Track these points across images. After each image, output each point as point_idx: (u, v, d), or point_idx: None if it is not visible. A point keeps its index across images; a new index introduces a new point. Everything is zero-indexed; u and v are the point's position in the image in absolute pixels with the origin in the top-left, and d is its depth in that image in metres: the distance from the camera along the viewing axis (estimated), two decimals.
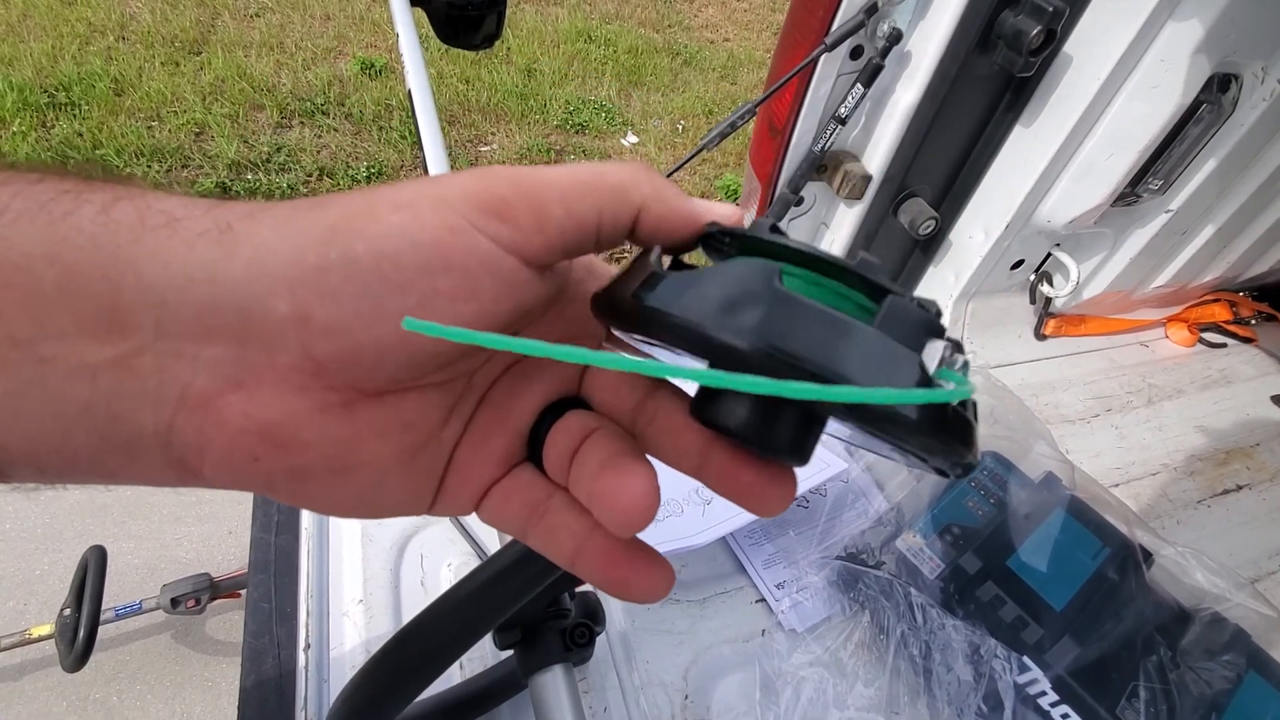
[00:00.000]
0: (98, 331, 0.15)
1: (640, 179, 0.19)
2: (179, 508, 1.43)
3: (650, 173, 0.19)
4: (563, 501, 0.21)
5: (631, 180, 0.19)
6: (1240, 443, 0.88)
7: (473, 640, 0.35)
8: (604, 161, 0.19)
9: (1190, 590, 0.60)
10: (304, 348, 0.16)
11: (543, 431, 0.21)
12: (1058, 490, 0.64)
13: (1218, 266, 1.00)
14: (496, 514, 0.22)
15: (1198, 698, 0.53)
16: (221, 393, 0.16)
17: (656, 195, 0.19)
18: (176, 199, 0.16)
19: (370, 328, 0.16)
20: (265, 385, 0.16)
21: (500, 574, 0.34)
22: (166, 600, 1.16)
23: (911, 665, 0.55)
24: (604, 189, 0.18)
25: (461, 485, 0.21)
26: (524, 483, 0.21)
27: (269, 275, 0.15)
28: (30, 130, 2.00)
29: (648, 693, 0.53)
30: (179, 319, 0.15)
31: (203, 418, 0.16)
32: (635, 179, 0.19)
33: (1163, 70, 0.67)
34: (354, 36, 2.71)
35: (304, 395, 0.17)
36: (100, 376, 0.15)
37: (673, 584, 0.20)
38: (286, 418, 0.16)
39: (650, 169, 0.19)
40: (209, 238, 0.15)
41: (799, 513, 0.66)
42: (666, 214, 0.19)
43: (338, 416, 0.17)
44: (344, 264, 0.15)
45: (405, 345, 0.17)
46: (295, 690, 0.48)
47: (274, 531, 0.55)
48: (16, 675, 1.18)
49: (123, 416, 0.15)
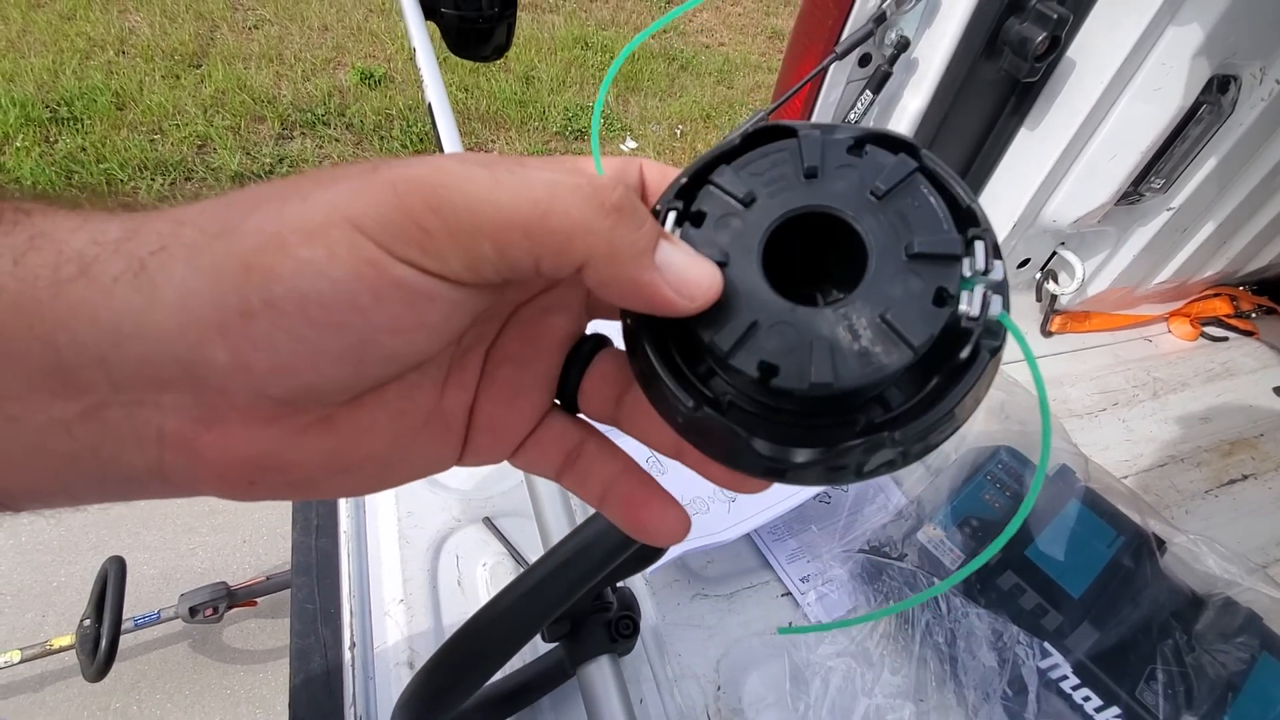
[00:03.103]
0: (54, 389, 0.14)
1: (595, 225, 0.15)
2: (193, 518, 1.43)
3: (617, 214, 0.15)
4: (594, 448, 0.22)
5: (581, 227, 0.15)
6: (1244, 433, 0.90)
7: (529, 636, 0.36)
8: (570, 179, 0.15)
9: (1202, 576, 0.62)
10: (255, 391, 0.15)
11: (572, 375, 0.22)
12: (1072, 482, 0.66)
13: (1218, 262, 1.02)
14: (530, 463, 0.22)
15: (1214, 679, 0.55)
16: (195, 434, 0.16)
17: (609, 253, 0.15)
18: (85, 232, 0.15)
19: (316, 367, 0.15)
20: (232, 423, 0.16)
21: (555, 571, 0.35)
22: (185, 609, 1.17)
23: (937, 653, 0.57)
24: (544, 235, 0.15)
25: (494, 442, 0.21)
26: (557, 433, 0.22)
27: (197, 322, 0.14)
28: (34, 146, 2.01)
29: (681, 685, 0.55)
30: (125, 373, 0.15)
31: (187, 456, 0.16)
32: (588, 224, 0.15)
33: (1164, 73, 0.70)
34: (352, 47, 2.73)
35: (275, 425, 0.16)
36: (74, 429, 0.15)
37: (687, 531, 0.21)
38: (265, 447, 0.16)
39: (623, 204, 0.15)
40: (125, 282, 0.14)
41: (821, 508, 0.68)
42: (614, 280, 0.16)
43: (318, 432, 0.17)
44: (267, 309, 0.14)
45: (362, 371, 0.16)
46: (343, 687, 0.49)
47: (314, 535, 0.57)
48: (38, 686, 1.19)
49: (112, 460, 0.16)
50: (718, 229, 0.18)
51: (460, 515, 0.62)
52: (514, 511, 0.63)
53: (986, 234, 0.17)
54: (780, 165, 0.18)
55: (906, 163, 0.17)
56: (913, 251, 0.17)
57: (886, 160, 0.17)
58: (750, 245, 0.17)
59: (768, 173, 0.18)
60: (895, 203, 0.17)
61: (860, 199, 0.17)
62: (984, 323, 0.16)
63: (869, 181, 0.17)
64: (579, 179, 0.16)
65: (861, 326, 0.16)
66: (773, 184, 0.18)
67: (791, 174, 0.18)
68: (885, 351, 0.16)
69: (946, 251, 0.17)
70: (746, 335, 0.17)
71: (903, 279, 0.17)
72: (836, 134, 0.18)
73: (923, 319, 0.16)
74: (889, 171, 0.17)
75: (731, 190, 0.18)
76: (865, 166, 0.17)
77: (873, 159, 0.18)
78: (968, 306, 0.16)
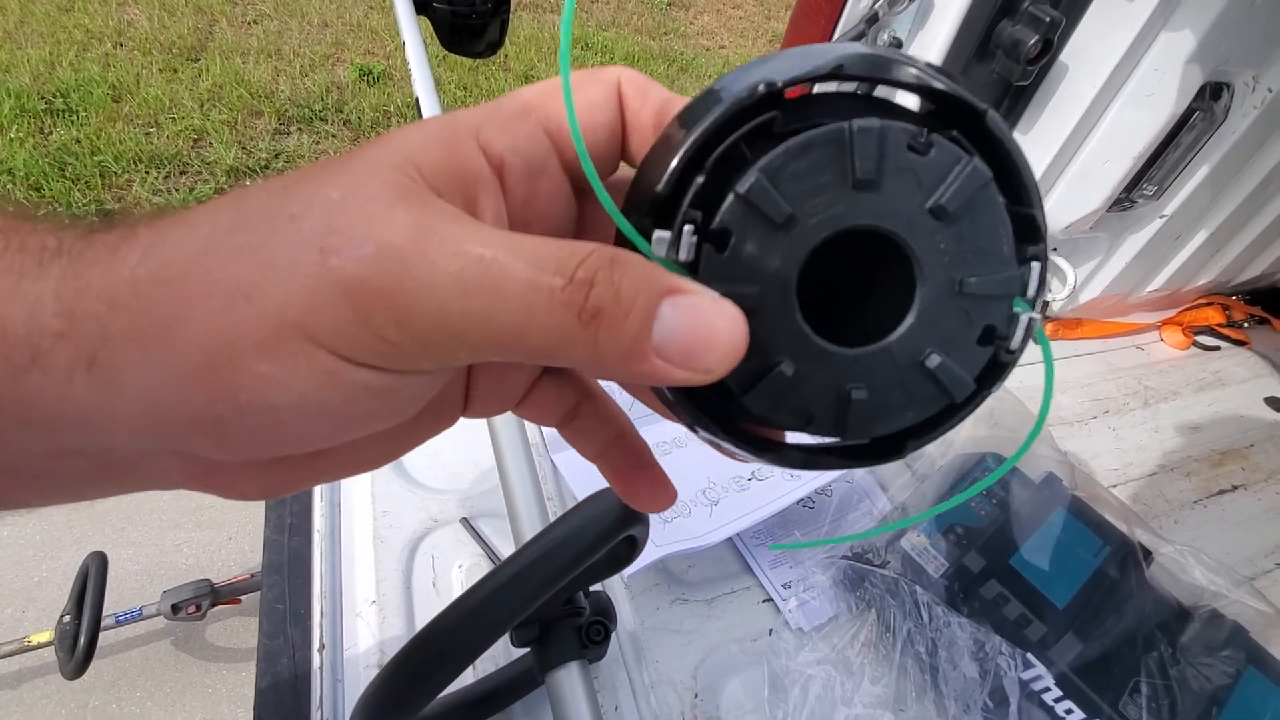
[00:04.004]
0: (53, 457, 0.15)
1: (576, 337, 0.13)
2: (178, 514, 1.42)
3: (596, 321, 0.13)
4: (590, 410, 0.22)
5: (563, 340, 0.13)
6: (1235, 443, 0.90)
7: (493, 639, 0.35)
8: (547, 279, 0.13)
9: (1189, 588, 0.61)
10: (246, 460, 0.17)
11: None
12: (1059, 490, 0.65)
13: (1211, 271, 1.01)
14: (530, 416, 0.22)
15: (1198, 693, 0.54)
16: (201, 480, 0.17)
17: (595, 359, 0.14)
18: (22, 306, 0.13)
19: (302, 442, 0.16)
20: (230, 475, 0.17)
21: (520, 573, 0.34)
22: (167, 606, 1.16)
23: (918, 662, 0.56)
24: (523, 349, 0.14)
25: (493, 406, 0.21)
26: (554, 394, 0.22)
27: (166, 424, 0.14)
28: (28, 137, 2.00)
29: (658, 691, 0.54)
30: (109, 452, 0.15)
31: (202, 486, 0.17)
32: (568, 338, 0.13)
33: (1157, 79, 0.69)
34: (351, 43, 2.72)
35: (270, 471, 0.17)
36: (88, 477, 0.16)
37: (672, 501, 0.22)
38: (268, 481, 0.18)
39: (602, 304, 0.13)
40: (81, 376, 0.14)
41: (805, 513, 0.67)
42: (608, 377, 0.15)
43: (312, 460, 0.18)
44: (237, 416, 0.14)
45: (350, 433, 0.16)
46: (310, 691, 0.48)
47: (287, 533, 0.56)
48: (15, 683, 1.18)
49: (137, 486, 0.17)
50: (744, 254, 0.15)
51: (438, 515, 0.61)
52: (492, 512, 0.62)
53: (1044, 251, 0.16)
54: (824, 168, 0.14)
55: (977, 174, 0.15)
56: (968, 291, 0.15)
57: (951, 163, 0.15)
58: (785, 276, 0.15)
59: (809, 179, 0.14)
60: (958, 224, 0.15)
61: (918, 215, 0.15)
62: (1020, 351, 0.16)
63: (931, 193, 0.15)
64: (555, 279, 0.13)
65: (902, 371, 0.16)
66: (815, 195, 0.15)
67: (838, 180, 0.15)
68: (924, 401, 0.16)
69: (1003, 293, 0.16)
70: (776, 386, 0.15)
71: (951, 313, 0.16)
72: (895, 122, 0.15)
73: (966, 362, 0.16)
74: (956, 188, 0.15)
75: (764, 207, 0.14)
76: (927, 170, 0.15)
77: (937, 159, 0.15)
78: (1011, 339, 0.16)
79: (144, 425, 0.14)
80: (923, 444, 0.17)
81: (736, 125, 0.15)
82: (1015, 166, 0.15)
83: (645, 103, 0.17)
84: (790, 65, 0.15)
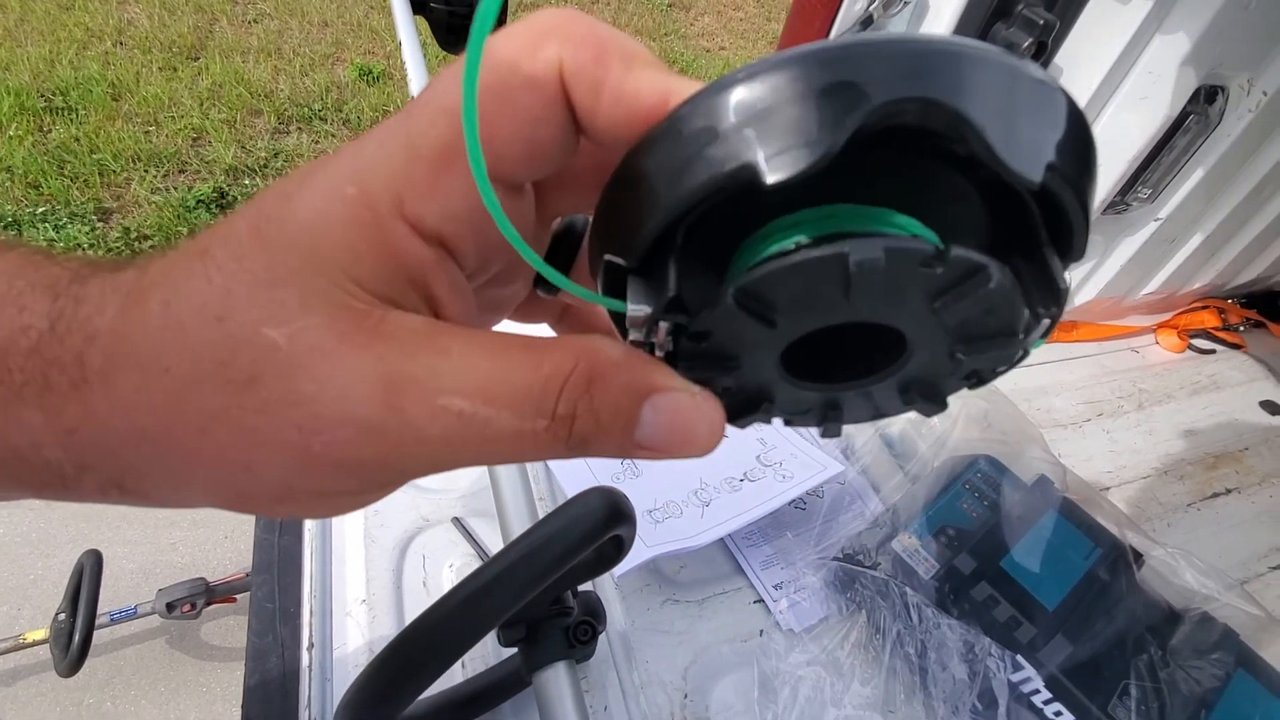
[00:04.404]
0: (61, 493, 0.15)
1: (562, 453, 0.14)
2: (174, 512, 1.42)
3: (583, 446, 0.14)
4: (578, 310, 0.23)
5: (548, 456, 0.14)
6: (1229, 447, 0.90)
7: (477, 638, 0.35)
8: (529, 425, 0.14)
9: (1180, 591, 0.61)
10: None
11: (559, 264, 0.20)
12: (1050, 492, 0.65)
13: (1206, 274, 1.01)
14: (522, 319, 0.23)
15: (1188, 696, 0.54)
16: None
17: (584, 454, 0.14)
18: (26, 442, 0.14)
19: None
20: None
21: (504, 572, 0.34)
22: (162, 605, 1.16)
23: (907, 664, 0.56)
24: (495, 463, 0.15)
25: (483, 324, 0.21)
26: (543, 303, 0.22)
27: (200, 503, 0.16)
28: (27, 135, 2.00)
29: (648, 692, 0.54)
30: None
31: None
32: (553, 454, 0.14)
33: (1151, 82, 0.69)
34: (351, 43, 2.73)
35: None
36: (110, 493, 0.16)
37: None
38: None
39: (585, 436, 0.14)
40: (116, 493, 0.15)
41: (796, 515, 0.67)
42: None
43: None
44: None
45: None
46: (299, 690, 0.48)
47: (277, 532, 0.56)
48: (10, 680, 1.18)
49: None
50: (724, 348, 0.14)
51: (429, 515, 0.61)
52: (484, 512, 0.62)
53: (1059, 313, 0.14)
54: (816, 289, 0.13)
55: (997, 291, 0.13)
56: (960, 358, 0.15)
57: (967, 276, 0.12)
58: (765, 360, 0.14)
59: (798, 296, 0.13)
60: (965, 323, 0.14)
61: (920, 311, 0.13)
62: None
63: (938, 299, 0.13)
64: (537, 422, 0.14)
65: (879, 404, 0.17)
66: (804, 305, 0.13)
67: (831, 293, 0.13)
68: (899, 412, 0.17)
69: (1002, 361, 0.15)
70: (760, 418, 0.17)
71: (940, 364, 0.15)
72: (904, 246, 0.12)
73: (944, 392, 0.16)
74: (969, 303, 0.13)
75: (740, 326, 0.13)
76: (940, 280, 0.13)
77: (952, 272, 0.12)
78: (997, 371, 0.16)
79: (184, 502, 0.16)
80: None
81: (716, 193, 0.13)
82: (1069, 222, 0.13)
83: (601, 94, 0.14)
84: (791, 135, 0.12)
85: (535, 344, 0.14)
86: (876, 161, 0.13)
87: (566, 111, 0.14)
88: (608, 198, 0.14)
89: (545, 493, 0.62)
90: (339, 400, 0.13)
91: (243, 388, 0.13)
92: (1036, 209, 0.14)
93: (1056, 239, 0.14)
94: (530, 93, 0.13)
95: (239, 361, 0.13)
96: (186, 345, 0.13)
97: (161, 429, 0.14)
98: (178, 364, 0.13)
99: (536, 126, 0.14)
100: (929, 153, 0.13)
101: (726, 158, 0.12)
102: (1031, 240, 0.14)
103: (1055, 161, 0.12)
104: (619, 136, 0.14)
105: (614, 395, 0.14)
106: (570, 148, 0.15)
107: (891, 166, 0.13)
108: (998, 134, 0.12)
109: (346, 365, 0.13)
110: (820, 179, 0.11)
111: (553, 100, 0.14)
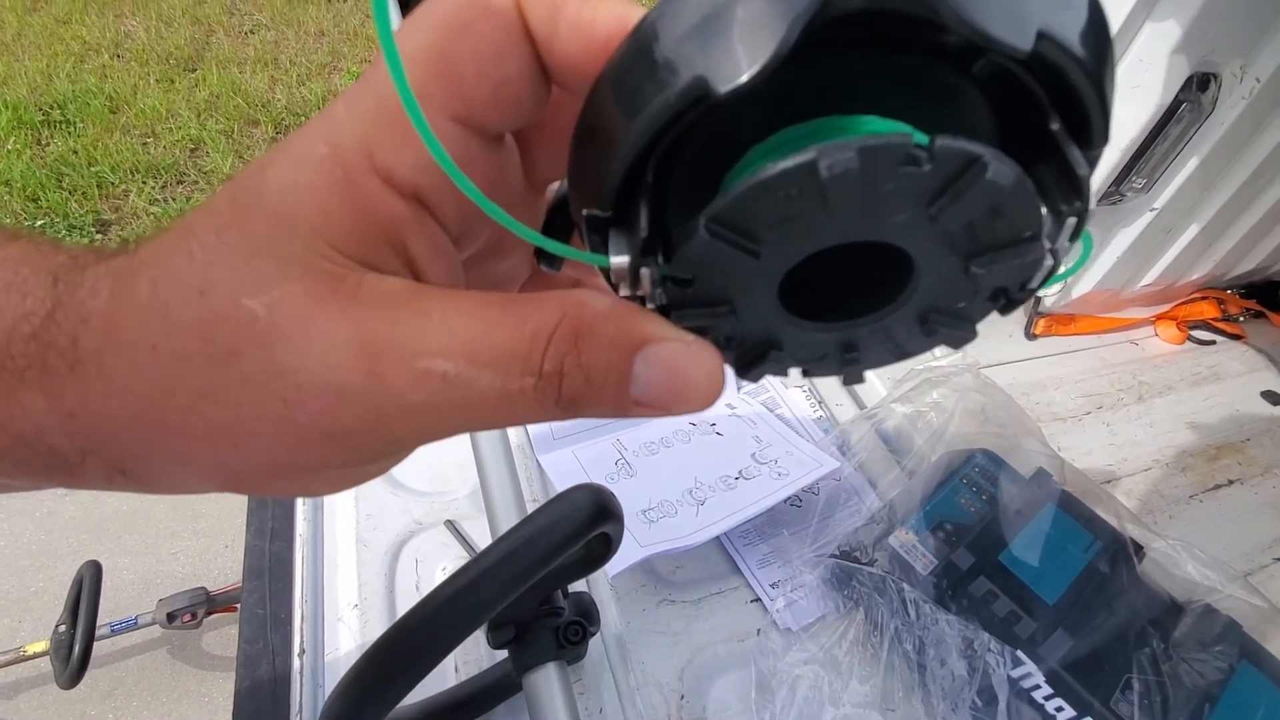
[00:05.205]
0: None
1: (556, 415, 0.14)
2: (174, 522, 1.42)
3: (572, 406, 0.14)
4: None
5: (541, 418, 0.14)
6: (1231, 438, 0.89)
7: (462, 637, 0.35)
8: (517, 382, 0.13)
9: (1182, 583, 0.61)
10: None
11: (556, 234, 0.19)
12: (1048, 485, 0.64)
13: (1204, 264, 1.01)
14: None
15: (1191, 688, 0.53)
16: None
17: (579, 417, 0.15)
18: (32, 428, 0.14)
19: None
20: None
21: (488, 570, 0.34)
22: (162, 615, 1.16)
23: (906, 661, 0.55)
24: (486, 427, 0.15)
25: None
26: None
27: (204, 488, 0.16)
28: (25, 148, 2.01)
29: (644, 693, 0.53)
30: None
31: None
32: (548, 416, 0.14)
33: (1142, 70, 0.69)
34: (348, 52, 2.74)
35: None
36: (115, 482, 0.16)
37: None
38: None
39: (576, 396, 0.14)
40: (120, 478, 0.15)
41: (792, 512, 0.66)
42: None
43: None
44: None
45: None
46: (290, 695, 0.48)
47: (268, 538, 0.55)
48: (11, 693, 1.18)
49: None
50: (713, 287, 0.13)
51: (422, 518, 0.60)
52: (478, 514, 0.61)
53: (1084, 208, 0.13)
54: (793, 203, 0.12)
55: (994, 184, 0.11)
56: (975, 274, 0.13)
57: (959, 171, 0.11)
58: (760, 295, 0.13)
59: (774, 213, 0.12)
60: (970, 226, 0.12)
61: (916, 221, 0.12)
62: None
63: (932, 204, 0.12)
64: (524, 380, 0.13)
65: (899, 336, 0.15)
66: (786, 223, 0.12)
67: (812, 208, 0.12)
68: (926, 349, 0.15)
69: (1021, 273, 0.13)
70: (770, 366, 0.15)
71: (956, 286, 0.14)
72: (879, 142, 0.11)
73: (970, 318, 0.15)
74: (965, 202, 0.11)
75: (730, 238, 0.12)
76: (929, 181, 0.11)
77: (941, 169, 0.11)
78: (1028, 286, 0.14)
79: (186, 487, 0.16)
80: None
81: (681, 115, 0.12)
82: (1081, 101, 0.12)
83: (558, 22, 0.13)
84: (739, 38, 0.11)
85: (519, 300, 0.14)
86: (866, 71, 0.12)
87: (530, 46, 0.13)
88: (574, 149, 0.14)
89: (539, 493, 0.62)
90: (319, 369, 0.13)
91: (225, 362, 0.13)
92: (1039, 87, 0.12)
93: (1071, 126, 0.12)
94: (488, 21, 0.13)
95: (220, 336, 0.13)
96: (171, 323, 0.13)
97: (153, 409, 0.13)
98: (164, 342, 0.13)
99: (502, 62, 0.13)
100: (923, 51, 0.12)
101: (676, 77, 0.11)
102: (1041, 127, 0.12)
103: (1050, 30, 0.11)
104: (580, 73, 0.13)
105: (603, 349, 0.13)
106: (541, 92, 0.14)
107: (886, 75, 0.12)
108: None
109: (324, 332, 0.13)
110: (798, 95, 0.11)
111: (512, 28, 0.13)
